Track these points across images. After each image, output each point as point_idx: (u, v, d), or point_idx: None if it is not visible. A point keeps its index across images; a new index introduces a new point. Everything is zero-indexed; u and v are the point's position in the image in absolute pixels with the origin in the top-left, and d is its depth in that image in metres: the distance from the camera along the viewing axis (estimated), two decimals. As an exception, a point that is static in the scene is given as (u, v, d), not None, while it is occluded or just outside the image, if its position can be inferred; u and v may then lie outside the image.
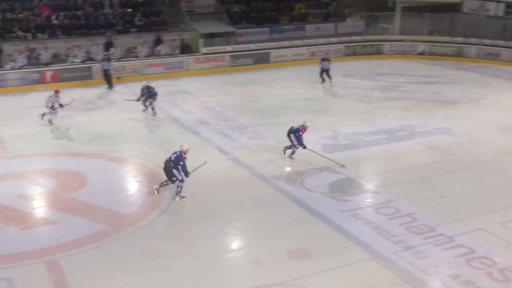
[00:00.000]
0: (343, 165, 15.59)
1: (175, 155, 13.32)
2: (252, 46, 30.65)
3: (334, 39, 32.06)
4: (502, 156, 16.49)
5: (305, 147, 15.81)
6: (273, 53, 30.64)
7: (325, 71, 25.81)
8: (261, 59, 30.27)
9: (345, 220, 12.55)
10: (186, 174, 13.39)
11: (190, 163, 13.45)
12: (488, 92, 24.07)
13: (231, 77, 28.03)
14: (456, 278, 10.22)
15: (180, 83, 26.71)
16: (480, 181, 14.85)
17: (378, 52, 32.27)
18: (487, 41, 30.94)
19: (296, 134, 15.65)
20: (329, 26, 33.35)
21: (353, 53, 31.91)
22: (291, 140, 15.82)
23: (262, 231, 12.12)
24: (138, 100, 21.02)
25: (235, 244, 11.82)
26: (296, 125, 15.92)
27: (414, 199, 13.64)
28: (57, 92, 19.79)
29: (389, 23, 33.55)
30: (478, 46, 30.91)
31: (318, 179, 14.85)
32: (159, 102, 21.32)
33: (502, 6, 30.82)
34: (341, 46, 31.82)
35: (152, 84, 21.60)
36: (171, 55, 29.10)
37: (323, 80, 25.86)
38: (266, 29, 31.86)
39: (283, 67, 29.27)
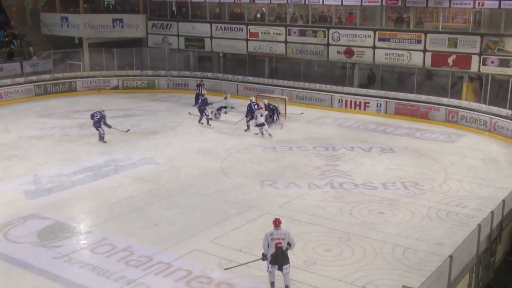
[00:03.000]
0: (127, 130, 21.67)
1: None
2: None
3: (21, 79, 30.27)
4: (203, 178, 17.61)
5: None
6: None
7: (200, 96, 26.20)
8: None
9: (60, 268, 11.94)
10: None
11: None
12: (183, 120, 25.55)
13: None
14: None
15: None
16: (188, 204, 15.63)
17: (71, 90, 31.55)
18: (174, 73, 32.95)
19: (103, 120, 21.26)
20: (14, 66, 31.50)
21: (45, 92, 30.57)
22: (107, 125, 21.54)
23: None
24: None
25: None
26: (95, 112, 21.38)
27: (129, 232, 13.66)
28: None
29: (78, 60, 33.16)
30: (167, 78, 32.70)
31: (24, 229, 13.77)
32: None
33: (182, 40, 33.25)
34: (31, 85, 30.22)
35: None
36: None
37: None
38: None
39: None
